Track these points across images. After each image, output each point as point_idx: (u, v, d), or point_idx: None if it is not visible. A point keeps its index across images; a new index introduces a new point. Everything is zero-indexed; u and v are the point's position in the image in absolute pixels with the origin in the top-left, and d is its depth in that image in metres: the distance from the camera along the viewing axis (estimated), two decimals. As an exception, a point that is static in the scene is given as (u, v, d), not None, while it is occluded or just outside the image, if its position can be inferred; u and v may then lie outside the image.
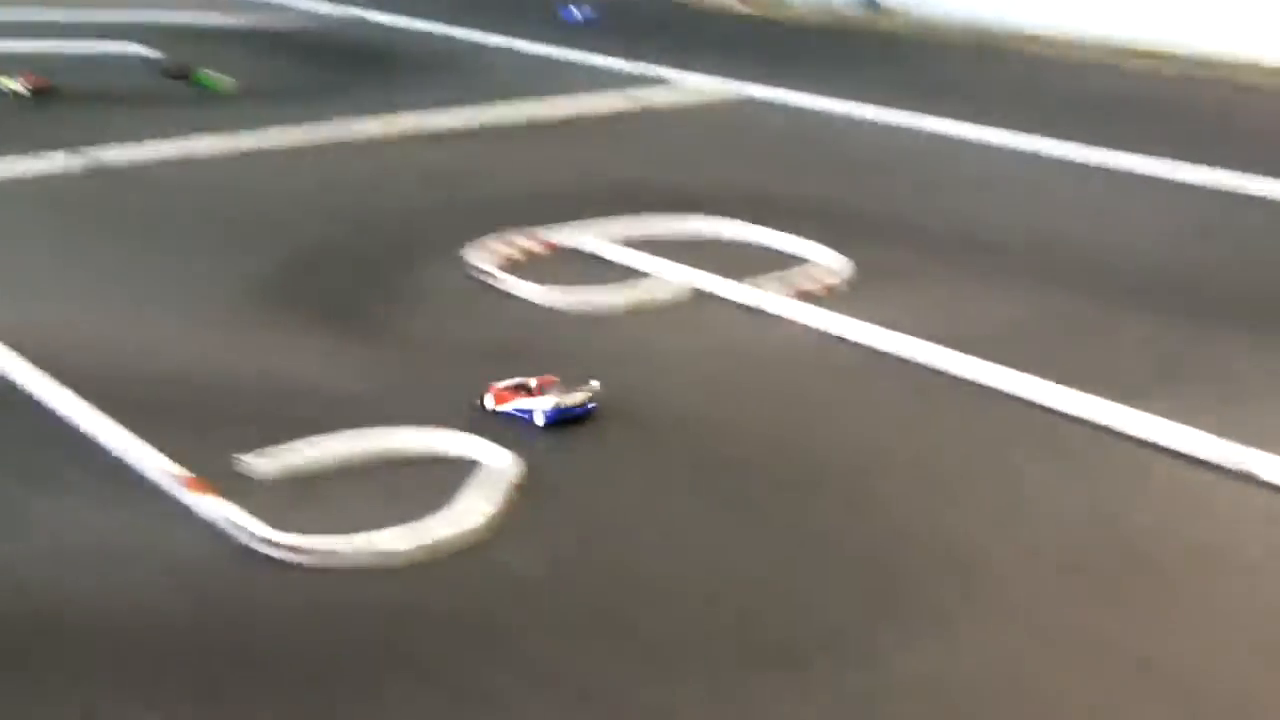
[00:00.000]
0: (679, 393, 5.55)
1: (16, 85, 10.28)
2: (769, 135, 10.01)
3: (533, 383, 5.23)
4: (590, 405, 5.22)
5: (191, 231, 7.52)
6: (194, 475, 4.65)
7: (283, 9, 14.32)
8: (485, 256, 6.83)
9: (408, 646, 3.91)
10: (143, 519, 4.52)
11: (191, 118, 9.89)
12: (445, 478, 4.74)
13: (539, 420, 5.14)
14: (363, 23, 13.76)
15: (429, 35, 13.12)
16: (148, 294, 6.56)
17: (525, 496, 4.68)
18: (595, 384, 5.27)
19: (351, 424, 5.06)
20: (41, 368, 5.51)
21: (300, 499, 4.63)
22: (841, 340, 6.10)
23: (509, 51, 12.48)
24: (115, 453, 4.89)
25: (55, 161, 8.50)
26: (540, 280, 6.54)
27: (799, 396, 5.61)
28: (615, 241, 7.11)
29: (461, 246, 6.97)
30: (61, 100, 10.36)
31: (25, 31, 12.82)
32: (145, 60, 11.63)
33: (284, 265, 6.92)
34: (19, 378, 5.48)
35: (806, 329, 6.22)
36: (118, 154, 8.73)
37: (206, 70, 10.92)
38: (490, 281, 6.62)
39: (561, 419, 5.15)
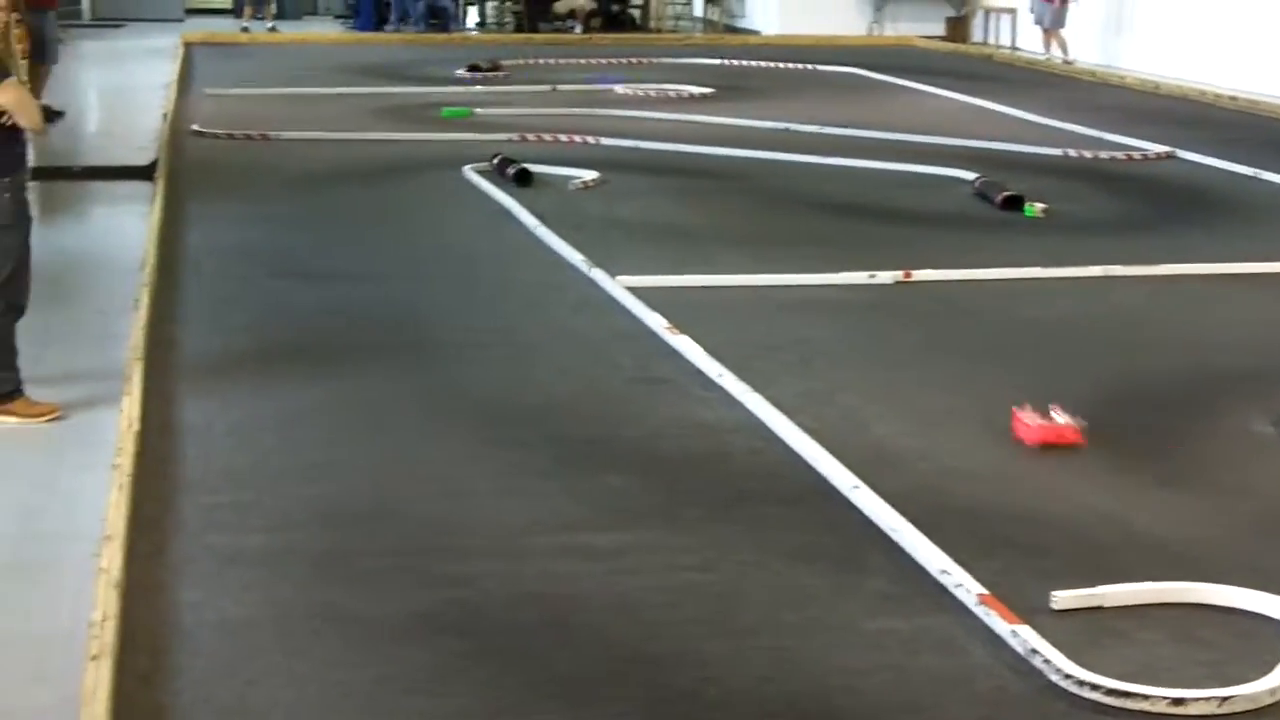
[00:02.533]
0: None
1: None
2: None
3: None
4: None
5: (998, 353, 7.64)
6: (999, 599, 4.70)
7: (1099, 142, 14.33)
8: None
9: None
10: (938, 633, 4.62)
11: (998, 241, 10.10)
12: (1255, 638, 4.56)
13: None
14: (1176, 160, 13.54)
15: (1246, 178, 12.72)
16: (954, 408, 6.73)
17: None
18: None
19: (1154, 569, 4.98)
20: (853, 470, 5.76)
21: (1101, 640, 4.58)
22: None
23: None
24: (921, 564, 5.03)
25: (864, 275, 8.88)
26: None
27: None
28: None
29: (1275, 397, 6.70)
30: (878, 216, 10.87)
31: (854, 150, 13.54)
32: (961, 182, 11.95)
33: (1090, 395, 6.90)
34: (835, 479, 5.75)
35: None
36: (927, 271, 9.02)
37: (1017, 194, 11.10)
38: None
39: None
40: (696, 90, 17.86)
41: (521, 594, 4.84)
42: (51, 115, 12.87)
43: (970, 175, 11.96)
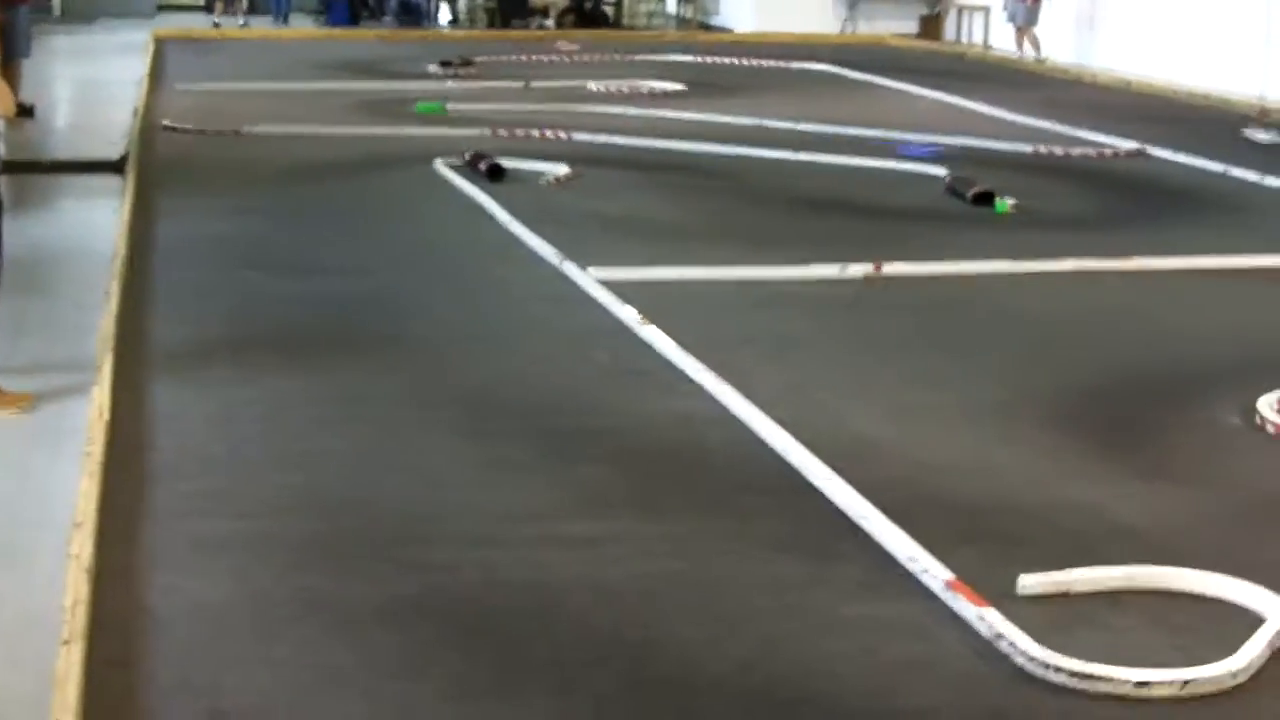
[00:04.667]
0: None
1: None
2: None
3: None
4: None
5: (971, 347, 7.68)
6: (966, 584, 4.73)
7: (1071, 139, 14.38)
8: (1271, 405, 6.56)
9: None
10: (908, 619, 4.66)
11: (969, 236, 10.14)
12: (1226, 622, 4.60)
13: None
14: (1147, 157, 13.60)
15: (1216, 175, 12.79)
16: (928, 401, 6.76)
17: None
18: None
19: (1127, 557, 5.02)
20: (827, 462, 5.78)
21: (1071, 625, 4.61)
22: None
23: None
24: (889, 552, 5.06)
25: (835, 269, 8.90)
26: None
27: None
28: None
29: (1245, 390, 6.74)
30: (851, 212, 10.91)
31: (826, 146, 13.58)
32: (933, 179, 11.98)
33: (1063, 388, 6.95)
34: (809, 471, 5.77)
35: None
36: (900, 265, 9.05)
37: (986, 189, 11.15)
38: (1273, 432, 6.36)
39: None
40: (669, 86, 17.88)
41: (500, 581, 4.86)
42: (23, 110, 12.79)
43: (942, 172, 12.00)
